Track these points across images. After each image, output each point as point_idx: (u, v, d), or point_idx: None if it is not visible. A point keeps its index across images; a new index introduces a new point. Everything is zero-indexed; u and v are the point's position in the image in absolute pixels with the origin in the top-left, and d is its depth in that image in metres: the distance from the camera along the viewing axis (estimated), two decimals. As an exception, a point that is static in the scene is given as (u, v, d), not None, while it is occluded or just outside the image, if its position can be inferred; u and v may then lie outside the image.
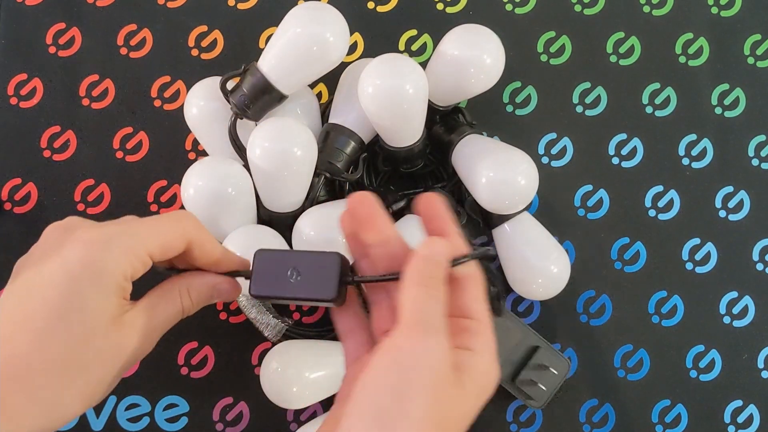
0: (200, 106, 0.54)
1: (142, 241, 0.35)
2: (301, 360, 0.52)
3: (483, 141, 0.57)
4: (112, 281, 0.34)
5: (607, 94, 0.63)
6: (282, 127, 0.50)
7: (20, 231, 0.58)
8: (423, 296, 0.34)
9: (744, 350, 0.60)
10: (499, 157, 0.53)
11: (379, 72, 0.49)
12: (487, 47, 0.53)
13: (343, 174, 0.54)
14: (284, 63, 0.51)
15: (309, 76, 0.53)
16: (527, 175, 0.52)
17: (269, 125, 0.50)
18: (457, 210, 0.58)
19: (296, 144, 0.49)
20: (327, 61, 0.51)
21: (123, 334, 0.34)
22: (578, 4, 0.64)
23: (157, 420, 0.57)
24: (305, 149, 0.49)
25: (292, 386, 0.51)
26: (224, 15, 0.62)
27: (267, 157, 0.49)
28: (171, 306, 0.37)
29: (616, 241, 0.61)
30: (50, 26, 0.62)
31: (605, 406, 0.59)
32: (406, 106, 0.49)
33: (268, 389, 0.52)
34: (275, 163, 0.49)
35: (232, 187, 0.51)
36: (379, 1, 0.63)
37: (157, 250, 0.35)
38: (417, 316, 0.33)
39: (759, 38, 0.64)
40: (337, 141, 0.54)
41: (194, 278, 0.39)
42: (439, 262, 0.35)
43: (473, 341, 0.35)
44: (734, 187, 0.62)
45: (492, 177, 0.52)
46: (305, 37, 0.50)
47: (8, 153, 0.60)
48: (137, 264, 0.35)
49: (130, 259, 0.34)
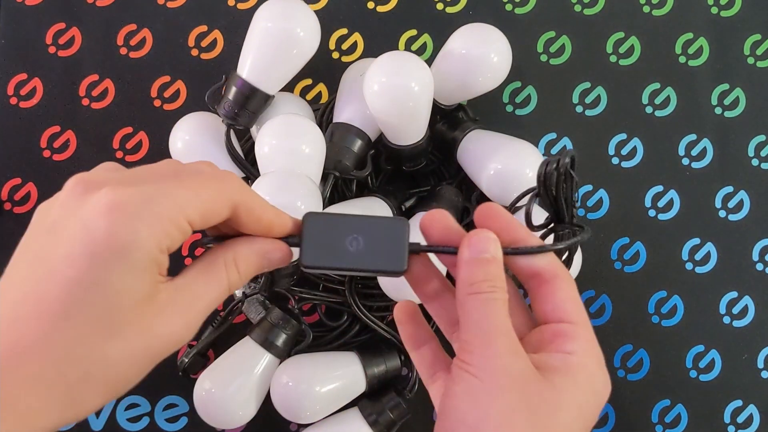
0: (185, 141, 0.54)
1: (180, 205, 0.29)
2: (312, 375, 0.52)
3: (489, 135, 0.57)
4: (143, 255, 0.28)
5: (607, 94, 0.63)
6: (290, 124, 0.49)
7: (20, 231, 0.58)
8: (479, 304, 0.31)
9: (744, 350, 0.60)
10: (506, 150, 0.53)
11: (385, 69, 0.49)
12: (494, 46, 0.53)
13: (353, 171, 0.54)
14: (260, 63, 0.52)
15: (288, 71, 0.53)
16: (535, 168, 0.52)
17: (277, 122, 0.49)
18: (466, 206, 0.58)
19: (304, 141, 0.49)
20: (302, 55, 0.52)
21: (155, 317, 0.29)
22: (578, 4, 0.64)
23: (157, 420, 0.57)
24: (313, 146, 0.49)
25: (303, 401, 0.51)
26: (224, 15, 0.62)
27: (276, 154, 0.49)
28: (215, 280, 0.31)
29: (616, 241, 0.61)
30: (50, 26, 0.62)
31: (605, 406, 0.59)
32: (411, 103, 0.49)
33: (279, 404, 0.52)
34: (284, 161, 0.48)
35: None
36: (379, 1, 0.63)
37: (198, 215, 0.29)
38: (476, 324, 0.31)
39: (759, 38, 0.64)
40: (345, 139, 0.53)
41: (241, 246, 0.32)
42: (486, 260, 0.32)
43: (568, 345, 0.32)
44: (734, 187, 0.62)
45: (500, 169, 0.52)
46: (276, 33, 0.51)
47: (8, 153, 0.60)
48: (175, 233, 0.29)
49: (166, 227, 0.28)
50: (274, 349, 0.53)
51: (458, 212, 0.56)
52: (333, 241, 0.33)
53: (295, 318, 0.54)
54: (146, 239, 0.28)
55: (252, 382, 0.52)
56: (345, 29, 0.63)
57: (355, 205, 0.54)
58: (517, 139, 0.55)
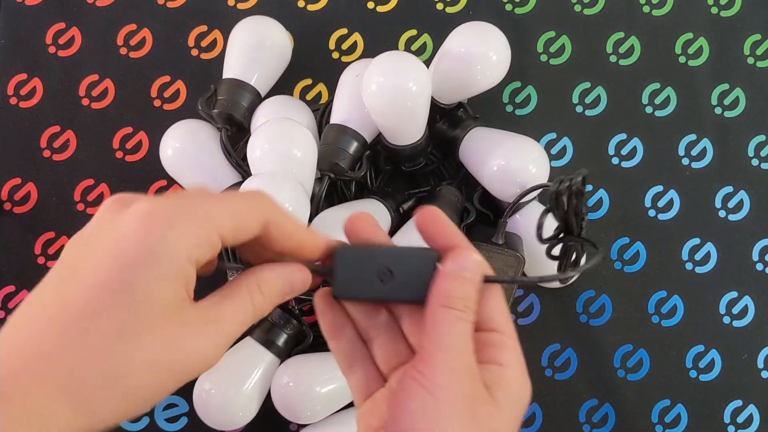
0: (176, 148, 0.55)
1: (212, 217, 0.29)
2: (313, 375, 0.52)
3: (491, 132, 0.57)
4: (172, 263, 0.27)
5: (606, 94, 0.63)
6: (282, 129, 0.50)
7: (20, 231, 0.58)
8: (449, 319, 0.31)
9: (744, 350, 0.60)
10: (509, 146, 0.53)
11: (382, 69, 0.49)
12: (493, 44, 0.53)
13: (348, 173, 0.54)
14: (242, 61, 0.57)
15: (274, 72, 0.59)
16: (538, 164, 0.53)
17: (269, 127, 0.50)
18: (466, 206, 0.58)
19: (296, 145, 0.49)
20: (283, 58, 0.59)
21: (180, 329, 0.28)
22: (578, 4, 0.64)
23: (157, 420, 0.57)
24: (305, 150, 0.49)
25: (304, 402, 0.51)
26: (224, 15, 0.62)
27: (268, 159, 0.49)
28: (239, 304, 0.31)
29: (616, 241, 0.61)
30: (50, 26, 0.62)
31: (605, 406, 0.59)
32: (409, 103, 0.49)
33: (280, 404, 0.52)
34: (276, 165, 0.49)
35: None
36: (379, 1, 0.63)
37: (230, 229, 0.29)
38: (441, 338, 0.31)
39: (759, 38, 0.64)
40: (340, 141, 0.54)
41: (263, 270, 0.32)
42: (468, 279, 0.32)
43: (501, 355, 0.33)
44: (734, 187, 0.62)
45: (504, 165, 0.53)
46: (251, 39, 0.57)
47: (8, 153, 0.60)
48: (205, 244, 0.28)
49: (197, 238, 0.28)
50: (275, 348, 0.53)
51: (458, 213, 0.56)
52: (364, 273, 0.34)
53: (296, 318, 0.54)
54: (176, 247, 0.28)
55: (253, 382, 0.52)
56: (345, 29, 0.63)
57: (353, 207, 0.54)
58: (519, 135, 0.55)
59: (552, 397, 0.58)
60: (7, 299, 0.58)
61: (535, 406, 0.58)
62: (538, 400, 0.58)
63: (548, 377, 0.59)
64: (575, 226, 0.44)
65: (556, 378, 0.59)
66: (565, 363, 0.59)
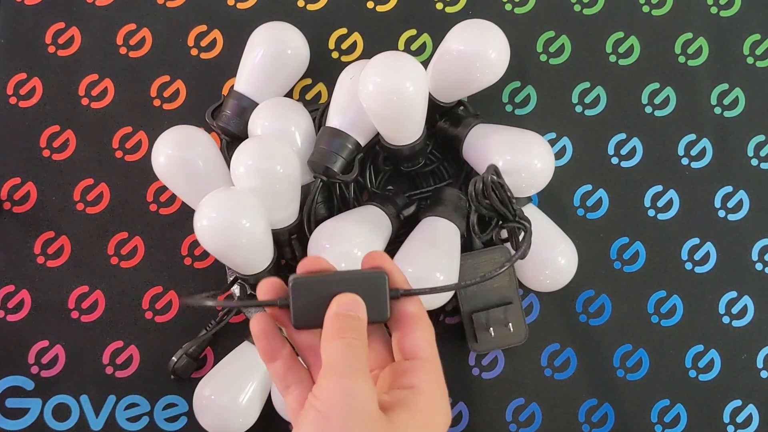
0: (168, 155, 0.54)
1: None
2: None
3: (494, 128, 0.57)
4: None
5: (606, 94, 0.63)
6: (263, 145, 0.50)
7: (20, 231, 0.58)
8: (341, 345, 0.34)
9: (743, 350, 0.60)
10: (514, 141, 0.54)
11: (379, 70, 0.49)
12: (492, 42, 0.53)
13: (339, 176, 0.54)
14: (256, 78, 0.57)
15: (283, 85, 0.59)
16: (544, 159, 0.53)
17: (249, 144, 0.50)
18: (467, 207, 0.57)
19: (278, 161, 0.49)
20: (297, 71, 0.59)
21: None
22: (578, 4, 0.64)
23: (157, 420, 0.57)
24: (286, 165, 0.49)
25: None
26: (223, 15, 0.62)
27: (250, 175, 0.49)
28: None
29: (616, 241, 0.61)
30: (50, 26, 0.62)
31: (604, 405, 0.59)
32: (406, 103, 0.49)
33: (280, 406, 0.53)
34: (258, 181, 0.49)
35: None
36: (378, 1, 0.63)
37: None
38: (335, 363, 0.34)
39: (758, 38, 0.64)
40: (333, 144, 0.54)
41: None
42: (352, 316, 0.35)
43: (414, 379, 0.35)
44: (733, 187, 0.62)
45: (509, 160, 0.53)
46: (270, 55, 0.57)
47: (8, 152, 0.60)
48: None
49: None
50: None
51: (463, 214, 0.56)
52: (319, 301, 0.36)
53: None
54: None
55: (253, 388, 0.52)
56: (345, 29, 0.63)
57: (353, 215, 0.54)
58: (524, 130, 0.55)
59: (551, 396, 0.58)
60: (7, 299, 0.58)
61: (534, 406, 0.58)
62: (537, 400, 0.58)
63: (548, 377, 0.59)
64: (507, 212, 0.52)
65: (556, 378, 0.59)
66: (565, 363, 0.59)
